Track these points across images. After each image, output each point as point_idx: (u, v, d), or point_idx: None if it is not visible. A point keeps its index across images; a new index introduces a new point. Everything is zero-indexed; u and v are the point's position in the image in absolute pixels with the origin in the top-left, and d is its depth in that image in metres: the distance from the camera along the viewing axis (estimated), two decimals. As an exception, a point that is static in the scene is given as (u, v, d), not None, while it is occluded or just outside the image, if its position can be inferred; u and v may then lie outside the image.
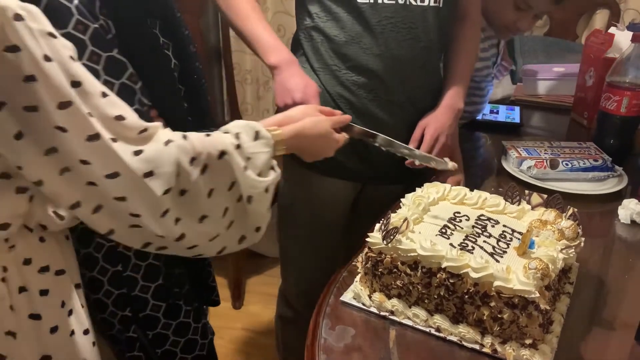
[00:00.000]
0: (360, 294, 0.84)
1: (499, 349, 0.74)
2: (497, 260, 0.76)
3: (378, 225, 0.81)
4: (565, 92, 1.78)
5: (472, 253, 0.78)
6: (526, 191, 0.96)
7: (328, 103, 1.14)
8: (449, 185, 0.96)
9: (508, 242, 0.82)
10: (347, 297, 0.85)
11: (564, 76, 1.81)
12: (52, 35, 0.61)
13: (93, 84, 0.64)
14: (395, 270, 0.79)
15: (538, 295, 0.70)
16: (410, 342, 0.78)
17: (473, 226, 0.85)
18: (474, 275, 0.72)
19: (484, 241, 0.81)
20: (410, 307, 0.80)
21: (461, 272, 0.74)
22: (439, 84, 1.26)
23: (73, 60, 0.63)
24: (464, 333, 0.76)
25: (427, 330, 0.79)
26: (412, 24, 1.11)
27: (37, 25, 0.59)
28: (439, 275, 0.75)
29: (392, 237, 0.77)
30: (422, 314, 0.79)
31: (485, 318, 0.74)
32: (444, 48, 1.23)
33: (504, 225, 0.87)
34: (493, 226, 0.87)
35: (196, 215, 0.73)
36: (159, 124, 0.71)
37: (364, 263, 0.83)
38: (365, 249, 0.82)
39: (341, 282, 0.89)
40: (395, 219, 0.82)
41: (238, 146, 0.76)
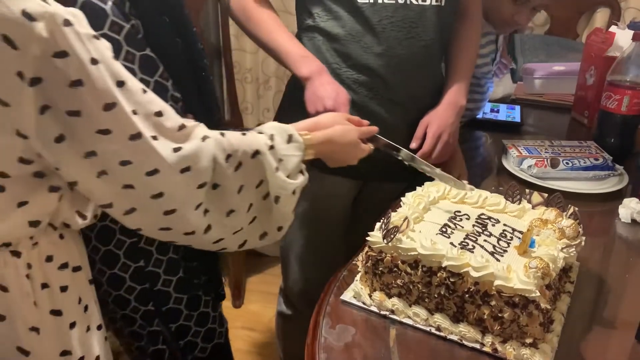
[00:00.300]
0: (360, 292, 0.84)
1: (499, 348, 0.74)
2: (498, 260, 0.76)
3: (378, 224, 0.81)
4: (565, 91, 1.78)
5: (473, 252, 0.77)
6: (527, 190, 0.96)
7: None
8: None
9: (508, 241, 0.82)
10: (348, 296, 0.85)
11: (564, 75, 1.80)
12: (96, 37, 0.62)
13: (133, 82, 0.66)
14: (395, 269, 0.79)
15: (539, 294, 0.70)
16: (410, 341, 0.78)
17: (473, 225, 0.85)
18: (474, 274, 0.72)
19: (485, 240, 0.81)
20: (410, 306, 0.80)
21: (461, 271, 0.74)
22: (440, 82, 1.25)
23: (114, 59, 0.64)
24: (464, 332, 0.76)
25: (428, 329, 0.79)
26: (413, 23, 1.12)
27: (84, 30, 0.60)
28: (439, 274, 0.75)
29: (393, 236, 0.77)
30: (423, 313, 0.79)
31: (485, 317, 0.74)
32: (444, 47, 1.23)
33: (505, 224, 0.87)
34: (493, 225, 0.87)
35: (224, 209, 0.76)
36: (196, 122, 0.74)
37: (364, 262, 0.83)
38: (366, 248, 0.82)
39: (341, 281, 0.89)
40: (395, 217, 0.82)
41: (271, 147, 0.79)
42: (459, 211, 0.90)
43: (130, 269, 0.94)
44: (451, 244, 0.79)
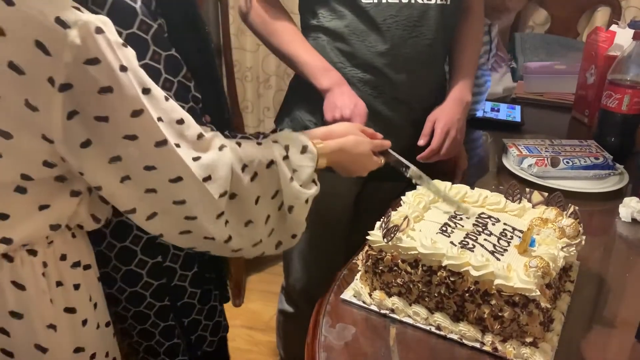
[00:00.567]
0: (360, 292, 0.84)
1: (499, 347, 0.74)
2: (498, 259, 0.76)
3: (378, 223, 0.81)
4: (566, 90, 1.78)
5: (473, 251, 0.77)
6: (527, 189, 0.96)
7: None
8: (449, 183, 0.96)
9: (509, 240, 0.82)
10: (348, 295, 0.85)
11: (565, 74, 1.80)
12: (124, 45, 0.63)
13: (157, 89, 0.67)
14: (395, 268, 0.79)
15: (539, 293, 0.70)
16: (410, 340, 0.78)
17: (474, 224, 0.85)
18: (474, 273, 0.72)
19: (485, 239, 0.81)
20: (410, 305, 0.80)
21: (462, 270, 0.74)
22: (443, 81, 1.26)
23: (140, 67, 0.65)
24: (464, 331, 0.76)
25: (428, 328, 0.79)
26: (417, 21, 1.12)
27: (114, 37, 0.61)
28: (439, 274, 0.75)
29: (393, 235, 0.77)
30: (423, 312, 0.79)
31: (485, 316, 0.74)
32: (448, 45, 1.23)
33: (505, 224, 0.87)
34: (494, 224, 0.86)
35: (243, 220, 0.78)
36: (213, 132, 0.75)
37: (364, 261, 0.83)
38: (366, 247, 0.82)
39: (341, 280, 0.89)
40: (395, 217, 0.82)
41: (286, 157, 0.81)
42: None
43: (148, 264, 0.94)
44: (451, 243, 0.79)
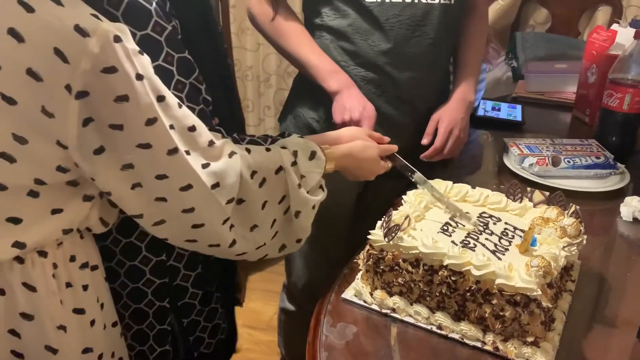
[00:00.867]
0: (361, 291, 0.83)
1: (500, 346, 0.74)
2: (499, 258, 0.76)
3: (380, 223, 0.81)
4: (567, 89, 1.77)
5: (474, 250, 0.77)
6: (528, 188, 0.95)
7: None
8: (450, 183, 0.96)
9: (510, 240, 0.82)
10: (349, 295, 0.85)
11: (565, 73, 1.80)
12: (140, 52, 0.63)
13: (171, 96, 0.67)
14: (396, 267, 0.79)
15: (540, 293, 0.70)
16: (411, 340, 0.78)
17: (475, 224, 0.85)
18: (475, 272, 0.72)
19: (486, 239, 0.81)
20: (411, 305, 0.80)
21: (463, 270, 0.74)
22: (447, 81, 1.26)
23: (154, 74, 0.66)
24: (465, 331, 0.76)
25: (429, 327, 0.79)
26: (420, 21, 1.12)
27: (131, 46, 0.62)
28: (440, 273, 0.75)
29: (394, 235, 0.77)
30: (424, 311, 0.79)
31: (487, 316, 0.74)
32: (452, 44, 1.23)
33: (506, 223, 0.87)
34: (495, 224, 0.86)
35: (248, 224, 0.78)
36: (225, 139, 0.76)
37: (365, 260, 0.83)
38: (367, 246, 0.82)
39: (342, 280, 0.89)
40: (396, 216, 0.82)
41: (294, 163, 0.81)
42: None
43: (151, 262, 0.94)
44: (452, 242, 0.79)
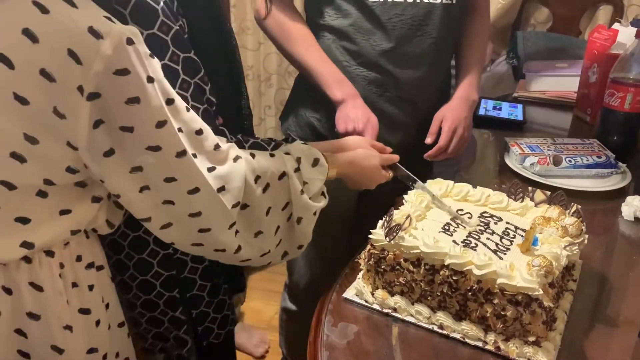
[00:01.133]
0: (362, 290, 0.83)
1: (502, 346, 0.74)
2: (501, 258, 0.76)
3: (381, 222, 0.80)
4: (568, 89, 1.77)
5: (475, 250, 0.77)
6: (529, 188, 0.95)
7: None
8: (451, 182, 0.96)
9: (511, 239, 0.81)
10: (350, 294, 0.85)
11: (567, 72, 1.80)
12: (151, 56, 0.64)
13: (179, 100, 0.68)
14: (398, 267, 0.79)
15: (541, 292, 0.69)
16: (413, 339, 0.78)
17: (478, 225, 0.85)
18: (477, 272, 0.72)
19: (487, 238, 0.81)
20: (413, 304, 0.80)
21: (464, 269, 0.73)
22: (448, 80, 1.26)
23: (164, 78, 0.66)
24: (467, 330, 0.76)
25: (430, 327, 0.79)
26: (422, 20, 1.12)
27: (143, 49, 0.62)
28: (442, 272, 0.75)
29: (395, 234, 0.77)
30: (425, 311, 0.79)
31: (488, 315, 0.74)
32: (453, 44, 1.23)
33: (507, 222, 0.87)
34: (496, 223, 0.86)
35: (253, 230, 0.79)
36: (230, 143, 0.76)
37: (366, 260, 0.83)
38: (368, 246, 0.82)
39: (344, 279, 0.89)
40: (398, 215, 0.82)
41: (297, 169, 0.82)
42: (461, 209, 0.89)
43: (159, 255, 0.95)
44: (454, 242, 0.79)
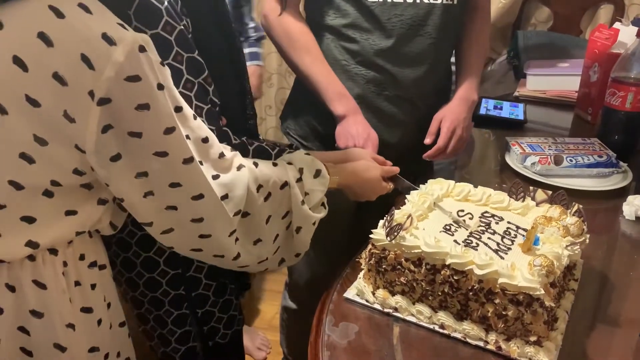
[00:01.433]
0: (363, 290, 0.83)
1: (503, 346, 0.74)
2: (502, 257, 0.76)
3: (382, 222, 0.80)
4: (569, 88, 1.77)
5: (477, 250, 0.77)
6: (531, 187, 0.95)
7: None
8: (452, 182, 0.96)
9: (512, 239, 0.81)
10: (351, 294, 0.85)
11: (567, 72, 1.80)
12: (162, 63, 0.64)
13: (188, 108, 0.68)
14: (399, 266, 0.79)
15: (543, 292, 0.69)
16: (413, 339, 0.78)
17: (479, 225, 0.85)
18: (478, 272, 0.72)
19: (489, 238, 0.81)
20: (414, 304, 0.80)
21: (465, 269, 0.73)
22: (448, 79, 1.25)
23: (174, 85, 0.67)
24: (468, 330, 0.76)
25: (431, 327, 0.78)
26: (422, 20, 1.12)
27: (154, 56, 0.63)
28: (443, 272, 0.75)
29: (396, 234, 0.77)
30: (426, 310, 0.78)
31: (489, 315, 0.74)
32: (453, 44, 1.23)
33: (509, 222, 0.87)
34: (497, 223, 0.86)
35: (252, 238, 0.80)
36: (235, 152, 0.77)
37: (367, 259, 0.83)
38: (369, 245, 0.82)
39: (344, 279, 0.89)
40: (399, 215, 0.82)
41: (299, 180, 0.83)
42: (462, 210, 0.89)
43: (165, 253, 0.96)
44: (455, 241, 0.79)
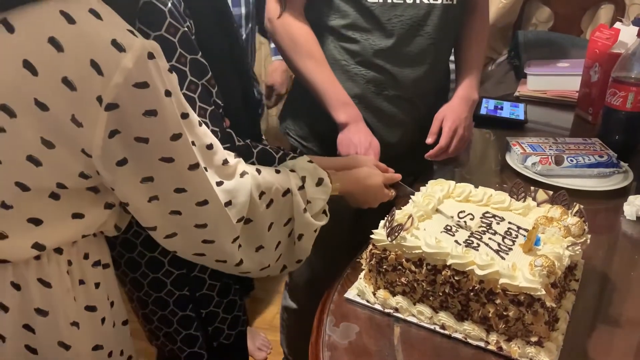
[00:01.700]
0: (364, 290, 0.83)
1: (504, 346, 0.74)
2: (503, 258, 0.76)
3: (382, 222, 0.80)
4: (569, 88, 1.77)
5: (478, 250, 0.77)
6: (532, 188, 0.95)
7: None
8: (453, 183, 0.96)
9: (513, 239, 0.81)
10: (352, 294, 0.85)
11: (568, 72, 1.79)
12: (170, 70, 0.65)
13: (194, 114, 0.69)
14: (399, 267, 0.79)
15: (544, 292, 0.69)
16: (414, 340, 0.78)
17: (480, 225, 0.85)
18: (479, 272, 0.72)
19: (490, 238, 0.81)
20: (414, 304, 0.80)
21: (466, 270, 0.73)
22: (447, 79, 1.25)
23: (180, 92, 0.67)
24: (469, 330, 0.76)
25: (432, 327, 0.78)
26: (422, 21, 1.12)
27: (163, 63, 0.63)
28: (444, 273, 0.75)
29: (397, 234, 0.77)
30: (427, 311, 0.78)
31: (490, 315, 0.74)
32: (452, 44, 1.23)
33: (510, 222, 0.86)
34: (498, 223, 0.86)
35: (254, 245, 0.81)
36: (238, 159, 0.78)
37: (368, 260, 0.82)
38: (370, 246, 0.82)
39: (345, 279, 0.89)
40: (400, 215, 0.82)
41: (301, 187, 0.83)
42: (463, 211, 0.89)
43: (170, 254, 0.96)
44: (456, 242, 0.79)
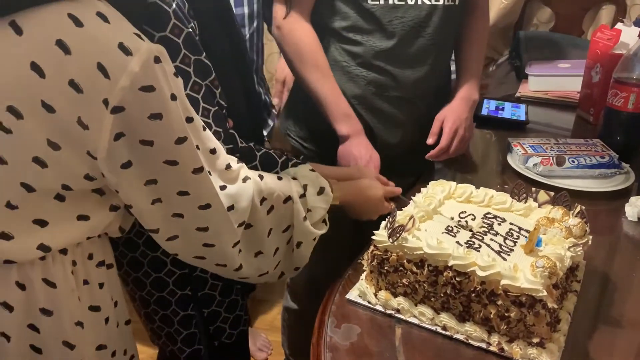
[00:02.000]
0: (366, 292, 0.83)
1: (505, 347, 0.74)
2: (504, 259, 0.76)
3: (384, 223, 0.80)
4: (571, 89, 1.77)
5: (479, 251, 0.77)
6: (533, 188, 0.95)
7: None
8: (454, 183, 0.96)
9: (515, 240, 0.81)
10: (353, 295, 0.85)
11: (569, 72, 1.79)
12: (176, 75, 0.65)
13: (198, 118, 0.69)
14: (401, 268, 0.79)
15: (545, 293, 0.69)
16: (416, 341, 0.78)
17: (481, 226, 0.85)
18: (480, 273, 0.72)
19: (491, 239, 0.81)
20: (416, 305, 0.80)
21: (468, 271, 0.73)
22: (447, 79, 1.25)
23: (185, 96, 0.67)
24: (470, 331, 0.76)
25: (433, 328, 0.78)
26: (423, 22, 1.12)
27: (169, 67, 0.63)
28: (445, 274, 0.75)
29: (398, 235, 0.77)
30: (428, 312, 0.78)
31: (492, 316, 0.74)
32: (452, 44, 1.23)
33: (511, 223, 0.86)
34: (500, 224, 0.86)
35: (254, 250, 0.81)
36: (240, 164, 0.78)
37: (369, 261, 0.82)
38: (371, 247, 0.81)
39: (347, 280, 0.89)
40: (401, 216, 0.82)
41: (303, 195, 0.84)
42: (465, 211, 0.89)
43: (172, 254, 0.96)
44: (457, 243, 0.79)
